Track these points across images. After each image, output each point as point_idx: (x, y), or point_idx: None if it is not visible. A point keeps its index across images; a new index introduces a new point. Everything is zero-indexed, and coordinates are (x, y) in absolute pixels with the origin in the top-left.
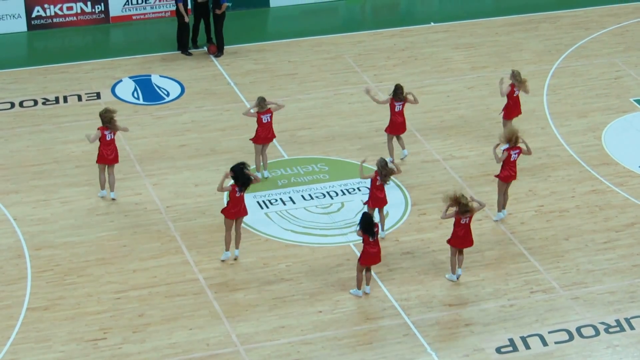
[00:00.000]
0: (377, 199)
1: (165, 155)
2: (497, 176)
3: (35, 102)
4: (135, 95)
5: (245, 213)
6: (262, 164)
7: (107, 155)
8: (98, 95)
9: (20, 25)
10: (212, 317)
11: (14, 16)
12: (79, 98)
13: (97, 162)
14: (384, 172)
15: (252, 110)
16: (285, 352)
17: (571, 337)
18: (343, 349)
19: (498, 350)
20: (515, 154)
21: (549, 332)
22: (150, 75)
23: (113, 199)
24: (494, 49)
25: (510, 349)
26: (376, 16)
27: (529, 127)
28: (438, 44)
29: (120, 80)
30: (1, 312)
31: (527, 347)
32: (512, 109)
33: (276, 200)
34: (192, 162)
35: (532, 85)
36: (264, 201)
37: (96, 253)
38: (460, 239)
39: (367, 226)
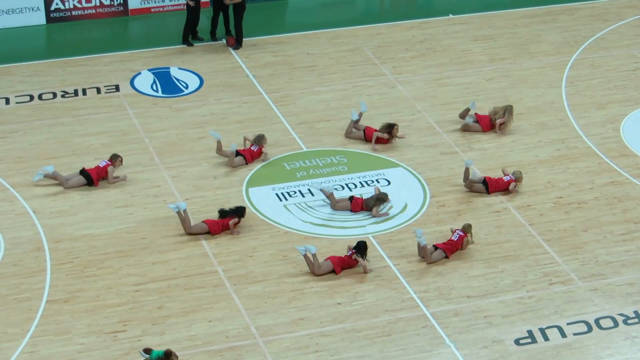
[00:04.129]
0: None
1: (184, 148)
2: None
3: (54, 95)
4: (154, 87)
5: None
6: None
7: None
8: (117, 88)
9: (39, 18)
10: (231, 309)
11: (33, 9)
12: (98, 91)
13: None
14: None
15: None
16: (304, 344)
17: (590, 329)
18: (362, 341)
19: (517, 341)
20: None
21: (568, 324)
22: (169, 68)
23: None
24: (513, 40)
25: (529, 340)
26: (394, 8)
27: (548, 119)
28: (456, 36)
29: (139, 73)
30: (21, 304)
31: (546, 338)
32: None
33: (295, 193)
34: (211, 155)
35: (551, 77)
36: (282, 193)
37: (115, 245)
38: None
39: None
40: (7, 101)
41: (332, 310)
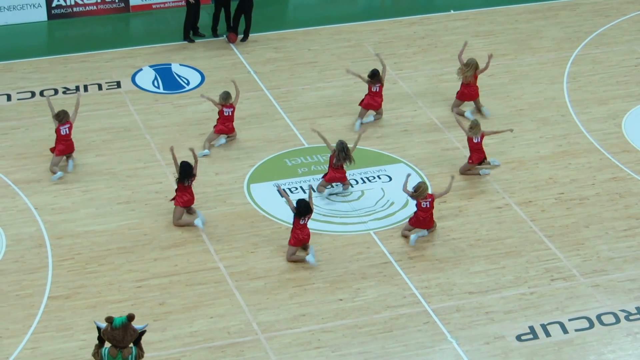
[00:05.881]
0: (332, 177)
1: (185, 144)
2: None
3: (56, 91)
4: (156, 84)
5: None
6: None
7: (65, 146)
8: (118, 84)
9: (41, 15)
10: (233, 306)
11: (34, 5)
12: (100, 87)
13: (56, 155)
14: (340, 155)
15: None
16: (306, 340)
17: (592, 325)
18: (364, 337)
19: (518, 337)
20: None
21: (570, 320)
22: (170, 64)
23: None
24: (514, 36)
25: (531, 336)
26: (396, 4)
27: (549, 114)
28: (458, 32)
29: (141, 69)
30: (22, 300)
31: (548, 334)
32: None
33: (296, 189)
34: (212, 151)
35: (552, 72)
36: (284, 189)
37: (117, 242)
38: (421, 222)
39: (301, 211)
40: (9, 98)
41: (333, 306)
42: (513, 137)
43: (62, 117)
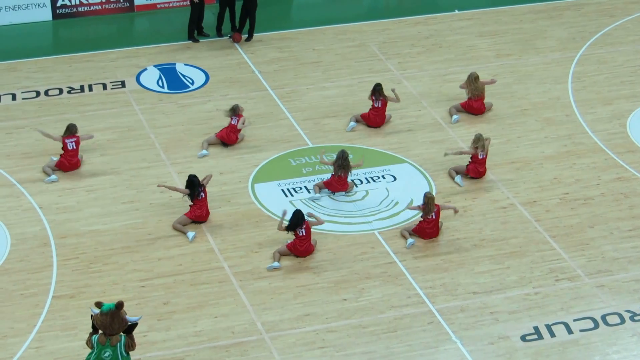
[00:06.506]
0: (330, 184)
1: (190, 144)
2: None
3: (61, 91)
4: (160, 83)
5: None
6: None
7: (68, 163)
8: (123, 84)
9: (46, 14)
10: (237, 305)
11: (39, 5)
12: (104, 87)
13: (55, 165)
14: (338, 162)
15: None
16: (310, 340)
17: (596, 325)
18: (368, 337)
19: (523, 338)
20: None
21: (574, 320)
22: (174, 64)
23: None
24: (519, 36)
25: (536, 337)
26: (400, 4)
27: (554, 114)
28: (462, 32)
29: (145, 69)
30: (27, 300)
31: (552, 335)
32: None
33: (300, 189)
34: (216, 151)
35: (557, 72)
36: (288, 189)
37: (121, 241)
38: (425, 232)
39: (295, 224)
40: (14, 97)
41: (338, 306)
42: (517, 137)
43: (70, 130)
